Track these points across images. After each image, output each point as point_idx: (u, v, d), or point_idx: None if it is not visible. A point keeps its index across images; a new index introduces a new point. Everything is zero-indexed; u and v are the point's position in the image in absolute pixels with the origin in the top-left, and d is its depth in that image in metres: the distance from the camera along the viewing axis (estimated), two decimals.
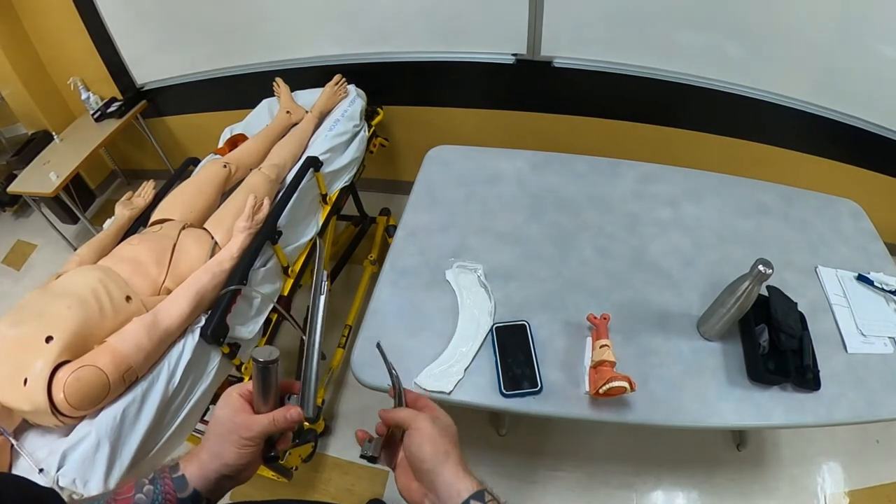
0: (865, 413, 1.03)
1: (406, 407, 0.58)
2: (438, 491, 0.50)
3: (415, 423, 0.53)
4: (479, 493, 0.49)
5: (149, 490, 0.49)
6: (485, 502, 0.48)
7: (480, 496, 0.48)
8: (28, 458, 0.88)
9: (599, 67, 1.92)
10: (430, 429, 0.52)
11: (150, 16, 2.15)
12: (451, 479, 0.50)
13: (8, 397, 0.88)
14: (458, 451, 0.53)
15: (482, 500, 0.48)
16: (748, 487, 1.64)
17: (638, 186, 1.48)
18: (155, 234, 1.25)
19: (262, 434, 0.52)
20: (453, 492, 0.49)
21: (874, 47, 1.62)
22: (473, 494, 0.48)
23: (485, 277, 1.23)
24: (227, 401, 0.54)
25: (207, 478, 0.51)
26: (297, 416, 0.54)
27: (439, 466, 0.50)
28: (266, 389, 0.53)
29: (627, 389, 0.94)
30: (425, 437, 0.52)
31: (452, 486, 0.49)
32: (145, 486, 0.49)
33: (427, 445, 0.51)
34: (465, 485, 0.49)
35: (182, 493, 0.50)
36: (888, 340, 1.15)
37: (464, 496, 0.48)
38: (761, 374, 1.03)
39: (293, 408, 0.54)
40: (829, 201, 1.47)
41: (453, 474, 0.50)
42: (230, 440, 0.51)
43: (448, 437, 0.53)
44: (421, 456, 0.51)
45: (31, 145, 2.54)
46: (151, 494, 0.49)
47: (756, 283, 0.96)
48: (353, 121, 1.84)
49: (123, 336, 0.97)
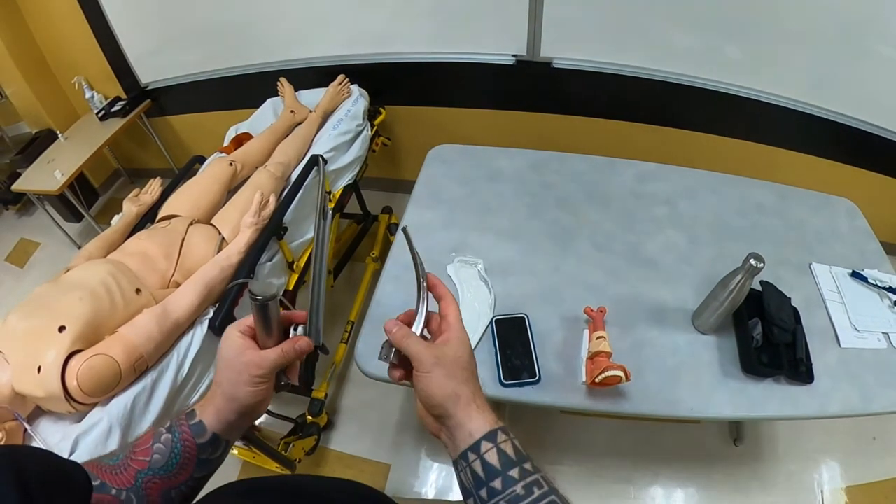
0: (858, 406, 1.05)
1: (426, 307, 0.54)
2: (451, 432, 0.49)
3: (421, 365, 0.50)
4: (492, 433, 0.47)
5: (167, 439, 0.49)
6: (496, 443, 0.46)
7: (492, 436, 0.47)
8: (41, 442, 0.91)
9: (598, 68, 1.94)
10: (436, 372, 0.49)
11: (155, 15, 2.17)
12: (463, 420, 0.48)
13: (22, 385, 0.91)
14: (469, 388, 0.50)
15: (494, 440, 0.46)
16: (745, 483, 1.66)
17: (635, 185, 1.50)
18: (163, 230, 1.28)
19: (273, 369, 0.51)
20: (465, 433, 0.47)
21: (871, 47, 1.64)
22: (485, 435, 0.47)
23: (485, 272, 1.25)
24: (229, 342, 0.51)
25: (227, 420, 0.50)
26: (305, 345, 0.52)
27: (450, 409, 0.48)
28: (268, 324, 0.51)
29: (623, 379, 0.96)
30: (432, 381, 0.49)
31: (464, 428, 0.48)
32: (163, 436, 0.49)
33: (435, 389, 0.49)
34: (476, 424, 0.47)
35: (201, 439, 0.50)
36: (881, 336, 1.16)
37: (476, 437, 0.47)
38: (755, 367, 1.05)
39: (301, 338, 0.52)
40: (825, 200, 1.49)
41: (466, 415, 0.48)
42: (242, 380, 0.50)
43: (457, 376, 0.50)
44: (430, 402, 0.49)
45: (35, 144, 2.55)
46: (170, 443, 0.49)
47: (748, 276, 0.98)
48: (356, 120, 1.86)
49: (134, 327, 1.00)
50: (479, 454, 0.46)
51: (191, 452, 0.49)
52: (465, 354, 0.52)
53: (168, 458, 0.48)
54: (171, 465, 0.48)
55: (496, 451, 0.46)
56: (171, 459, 0.48)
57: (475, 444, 0.47)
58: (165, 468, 0.48)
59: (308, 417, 1.70)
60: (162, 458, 0.48)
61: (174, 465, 0.48)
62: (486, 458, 0.46)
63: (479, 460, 0.46)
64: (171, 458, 0.48)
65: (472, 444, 0.47)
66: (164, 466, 0.48)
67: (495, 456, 0.46)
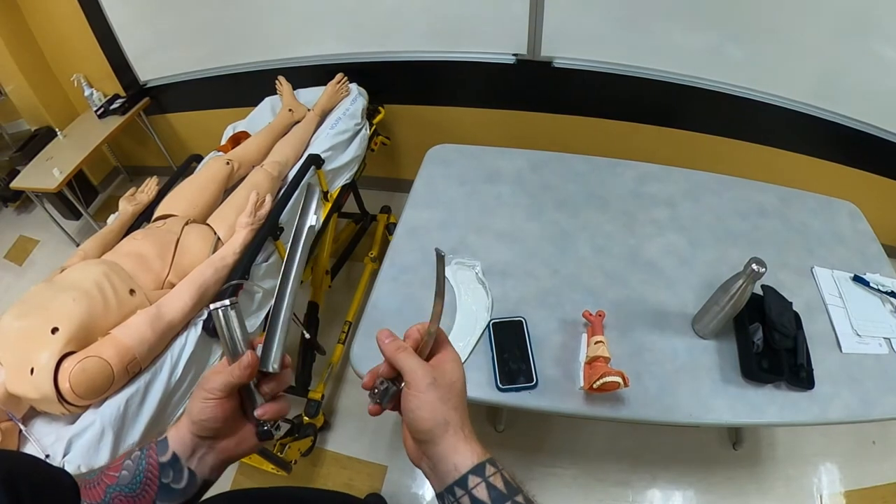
0: (859, 412, 1.03)
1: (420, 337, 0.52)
2: (435, 462, 0.46)
3: (414, 383, 0.47)
4: (479, 466, 0.44)
5: (136, 456, 0.49)
6: (485, 477, 0.43)
7: (480, 470, 0.44)
8: (36, 443, 0.90)
9: (599, 68, 1.93)
10: (431, 394, 0.47)
11: (154, 13, 2.16)
12: (448, 452, 0.45)
13: (16, 386, 0.90)
14: (459, 415, 0.47)
15: (482, 474, 0.44)
16: (744, 486, 1.65)
17: (636, 186, 1.49)
18: (158, 230, 1.27)
19: (221, 385, 0.48)
20: (450, 465, 0.45)
21: (874, 49, 1.63)
22: (472, 469, 0.44)
23: (483, 274, 1.24)
24: (214, 367, 0.52)
25: (183, 439, 0.49)
26: (246, 360, 0.49)
27: (437, 437, 0.46)
28: (230, 340, 0.50)
29: (621, 385, 0.95)
30: (425, 403, 0.46)
31: (448, 460, 0.45)
32: (134, 453, 0.49)
33: (427, 412, 0.46)
34: (462, 458, 0.45)
35: (163, 457, 0.49)
36: (883, 341, 1.15)
37: (461, 471, 0.44)
38: (755, 373, 1.04)
39: (246, 354, 0.50)
40: (827, 202, 1.48)
41: (451, 446, 0.45)
42: (196, 394, 0.50)
43: (450, 402, 0.47)
44: (418, 426, 0.47)
45: (34, 141, 2.56)
46: (137, 460, 0.48)
47: (749, 281, 0.97)
48: (355, 119, 1.85)
49: (128, 328, 0.99)
50: (466, 489, 0.43)
51: (153, 472, 0.48)
52: (461, 378, 0.50)
53: (133, 475, 0.48)
54: (136, 482, 0.48)
55: (485, 486, 0.43)
56: (136, 476, 0.48)
57: (462, 479, 0.44)
58: (130, 486, 0.47)
59: (304, 418, 1.69)
60: (129, 474, 0.48)
61: (138, 482, 0.48)
62: (475, 493, 0.43)
63: (467, 496, 0.43)
64: (136, 475, 0.48)
65: (458, 478, 0.44)
66: (130, 484, 0.48)
67: (484, 491, 0.43)
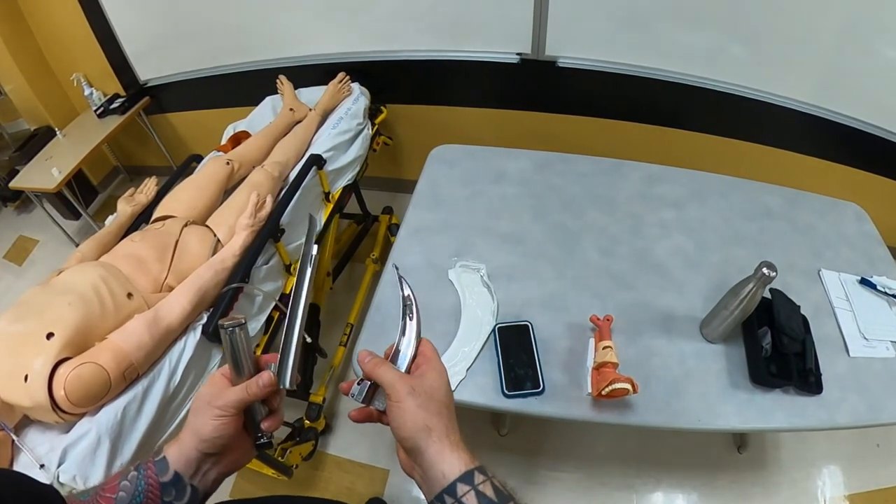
0: (867, 417, 1.02)
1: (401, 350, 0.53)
2: (424, 471, 0.46)
3: (393, 394, 0.48)
4: (468, 474, 0.44)
5: (133, 476, 0.48)
6: (474, 485, 0.43)
7: (469, 478, 0.43)
8: (29, 453, 0.88)
9: (604, 68, 1.91)
10: (409, 401, 0.47)
11: (154, 12, 2.15)
12: (435, 460, 0.45)
13: (9, 394, 0.88)
14: (443, 423, 0.47)
15: (471, 482, 0.43)
16: (748, 490, 1.64)
17: (642, 187, 1.47)
18: (157, 231, 1.25)
19: (236, 403, 0.49)
20: (438, 473, 0.44)
21: (880, 49, 1.61)
22: (460, 477, 0.43)
23: (488, 277, 1.22)
24: (209, 381, 0.52)
25: (187, 457, 0.49)
26: (266, 380, 0.50)
27: (421, 444, 0.46)
28: (237, 358, 0.50)
29: (630, 391, 0.93)
30: (405, 411, 0.47)
31: (436, 468, 0.44)
32: (130, 473, 0.48)
33: (407, 419, 0.47)
34: (449, 466, 0.44)
35: (164, 477, 0.48)
36: (890, 344, 1.14)
37: (449, 479, 0.43)
38: (764, 377, 1.03)
39: (265, 373, 0.50)
40: (833, 204, 1.47)
41: (437, 453, 0.45)
42: (204, 412, 0.49)
43: (430, 408, 0.47)
44: (400, 433, 0.47)
45: (33, 141, 2.54)
46: (135, 480, 0.47)
47: (759, 285, 0.95)
48: (357, 119, 1.83)
49: (125, 333, 0.97)
50: (455, 497, 0.43)
51: (154, 492, 0.47)
52: (442, 387, 0.50)
53: (132, 496, 0.47)
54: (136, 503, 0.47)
55: (475, 494, 0.43)
56: (135, 498, 0.47)
57: (450, 487, 0.43)
58: None
59: (306, 422, 1.68)
60: (127, 495, 0.47)
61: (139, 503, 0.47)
62: (465, 501, 0.43)
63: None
64: (136, 497, 0.47)
65: (446, 486, 0.43)
66: None
67: (474, 499, 0.43)
